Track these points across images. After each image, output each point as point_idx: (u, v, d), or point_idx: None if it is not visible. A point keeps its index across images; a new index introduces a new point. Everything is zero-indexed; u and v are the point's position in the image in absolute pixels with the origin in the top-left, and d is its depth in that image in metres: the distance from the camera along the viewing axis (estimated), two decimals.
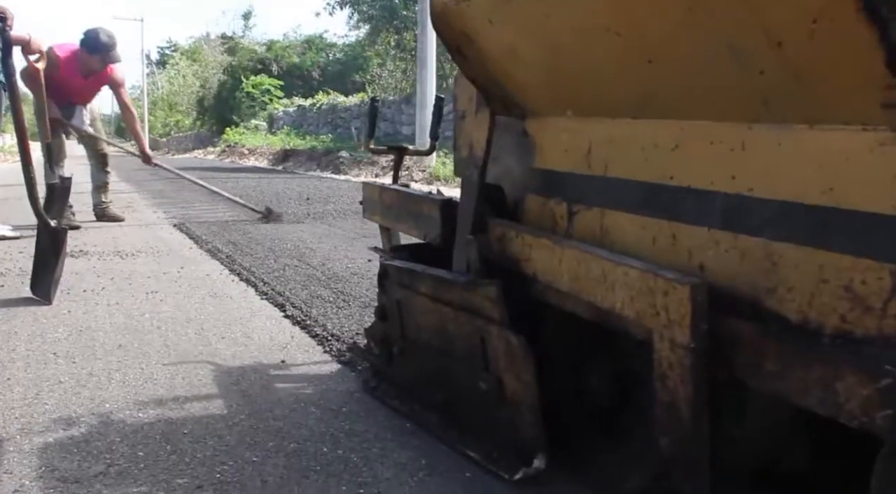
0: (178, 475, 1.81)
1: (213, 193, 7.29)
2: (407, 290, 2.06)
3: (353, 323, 3.13)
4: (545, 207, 1.77)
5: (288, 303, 3.49)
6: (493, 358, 1.72)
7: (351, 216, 6.86)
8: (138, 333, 3.03)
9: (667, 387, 1.26)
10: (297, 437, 2.03)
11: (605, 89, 1.50)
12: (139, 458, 1.89)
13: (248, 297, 3.70)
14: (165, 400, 2.29)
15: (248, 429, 2.08)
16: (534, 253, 1.66)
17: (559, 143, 1.70)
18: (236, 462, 1.88)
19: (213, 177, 12.46)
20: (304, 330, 3.07)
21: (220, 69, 28.36)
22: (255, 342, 2.92)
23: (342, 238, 5.57)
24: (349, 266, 4.43)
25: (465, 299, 1.79)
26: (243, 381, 2.47)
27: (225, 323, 3.19)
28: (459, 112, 2.18)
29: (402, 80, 16.36)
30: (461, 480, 1.77)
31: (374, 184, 2.71)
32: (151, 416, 2.17)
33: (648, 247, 1.42)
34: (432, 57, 11.72)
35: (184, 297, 3.70)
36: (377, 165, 12.63)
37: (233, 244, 5.29)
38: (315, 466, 1.86)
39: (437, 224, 2.10)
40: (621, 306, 1.35)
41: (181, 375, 2.52)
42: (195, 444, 1.98)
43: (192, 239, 5.63)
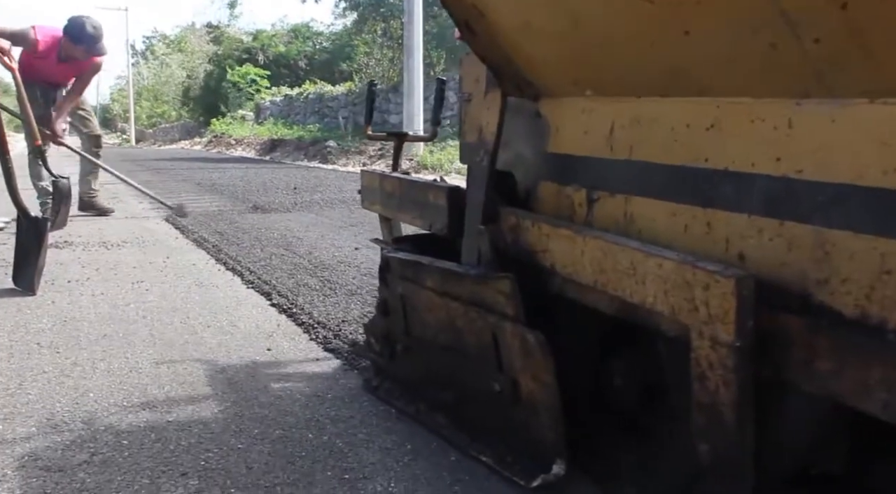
0: (162, 463, 1.80)
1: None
2: (411, 284, 1.94)
3: (340, 311, 3.12)
4: (561, 194, 1.66)
5: (274, 292, 3.47)
6: (507, 357, 1.61)
7: (338, 205, 6.83)
8: (123, 323, 3.01)
9: (706, 388, 1.16)
10: (283, 424, 2.02)
11: (631, 65, 1.38)
12: (123, 447, 1.89)
13: (234, 286, 3.69)
14: (150, 389, 2.28)
15: (234, 417, 2.07)
16: (552, 243, 1.55)
17: (577, 125, 1.59)
18: (221, 449, 1.88)
19: (200, 167, 12.42)
20: (290, 318, 3.06)
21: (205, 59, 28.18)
22: (241, 330, 2.91)
23: (329, 227, 5.55)
24: (336, 254, 4.41)
25: (475, 293, 1.67)
26: (229, 369, 2.46)
27: (211, 312, 3.18)
28: (465, 95, 2.08)
29: (390, 69, 16.27)
30: (446, 464, 1.78)
31: (373, 171, 2.57)
32: (136, 405, 2.16)
33: (680, 235, 1.31)
34: (419, 45, 11.67)
35: (169, 287, 3.67)
36: (364, 154, 12.59)
37: (219, 234, 5.26)
38: (300, 452, 1.86)
39: (444, 213, 1.97)
40: (653, 300, 1.25)
41: (166, 364, 2.51)
42: (180, 432, 1.97)
43: (178, 229, 5.59)
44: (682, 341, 1.23)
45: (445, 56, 15.42)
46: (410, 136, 2.68)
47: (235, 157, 16.53)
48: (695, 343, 1.17)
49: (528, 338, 1.53)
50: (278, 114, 21.81)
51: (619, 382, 1.66)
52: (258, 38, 26.83)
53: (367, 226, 5.50)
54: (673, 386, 1.46)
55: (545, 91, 1.69)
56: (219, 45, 28.64)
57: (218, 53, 27.60)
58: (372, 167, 11.45)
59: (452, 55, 15.40)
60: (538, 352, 1.51)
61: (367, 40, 18.16)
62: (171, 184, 9.33)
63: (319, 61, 25.18)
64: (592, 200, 1.55)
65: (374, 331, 2.26)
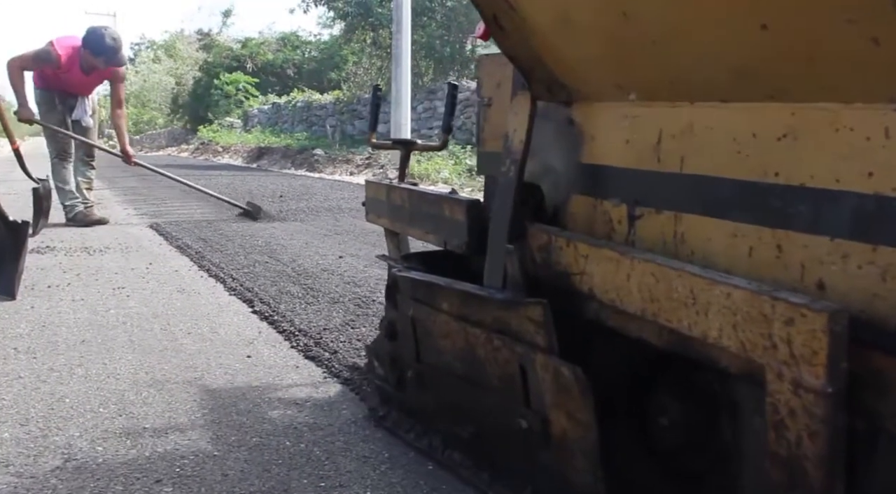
0: (136, 469, 1.78)
1: (195, 191, 7.17)
2: (425, 306, 1.77)
3: (321, 319, 3.11)
4: (597, 210, 1.49)
5: (256, 299, 3.45)
6: (536, 392, 1.45)
7: (323, 213, 6.81)
8: (102, 329, 2.98)
9: (785, 439, 1.01)
10: (260, 431, 2.00)
11: (688, 66, 1.23)
12: (98, 453, 1.86)
13: (216, 293, 3.66)
14: (127, 395, 2.25)
15: (211, 424, 2.05)
16: (591, 265, 1.38)
17: (618, 134, 1.43)
18: (197, 456, 1.85)
19: (186, 174, 12.33)
20: (272, 325, 3.03)
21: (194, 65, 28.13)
22: (222, 337, 2.89)
23: (314, 235, 5.53)
24: (319, 262, 4.39)
25: (501, 320, 1.51)
26: (208, 376, 2.43)
27: (192, 319, 3.15)
28: (484, 99, 1.93)
29: (378, 78, 16.27)
30: (423, 472, 1.77)
31: (379, 182, 2.38)
32: (113, 411, 2.13)
33: (742, 259, 1.16)
34: (407, 54, 11.67)
35: (151, 293, 3.64)
36: (351, 163, 12.57)
37: (203, 241, 5.22)
38: (277, 459, 1.84)
39: (463, 229, 1.79)
40: (717, 334, 1.10)
41: (145, 370, 2.48)
42: (156, 439, 1.95)
43: (162, 235, 5.55)
44: (750, 381, 1.10)
45: (434, 66, 15.45)
46: (419, 145, 2.45)
47: (222, 165, 16.47)
48: (772, 385, 1.02)
49: (562, 372, 1.36)
50: (266, 122, 21.77)
51: (665, 422, 1.48)
52: (247, 46, 26.81)
53: (351, 234, 5.49)
54: (731, 430, 1.33)
55: (580, 95, 1.53)
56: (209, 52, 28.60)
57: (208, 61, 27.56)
58: (357, 177, 11.44)
59: (440, 65, 15.44)
60: (575, 388, 1.34)
61: (355, 49, 18.17)
62: (158, 190, 9.28)
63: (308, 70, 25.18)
64: (634, 217, 1.39)
65: (378, 354, 2.10)
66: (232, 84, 24.40)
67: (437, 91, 14.29)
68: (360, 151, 13.32)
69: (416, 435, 1.90)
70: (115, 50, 5.67)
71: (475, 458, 1.72)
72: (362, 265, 4.27)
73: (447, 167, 10.14)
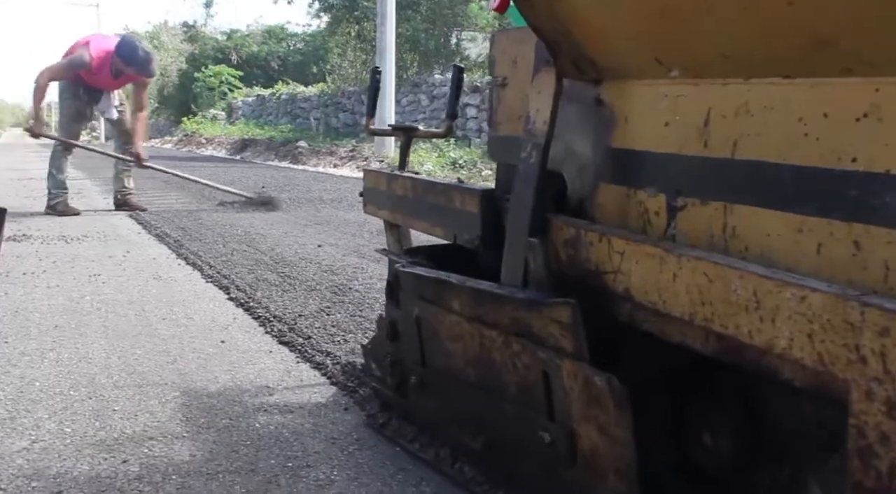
0: (104, 450, 1.79)
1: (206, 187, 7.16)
2: (431, 306, 1.64)
3: (297, 306, 3.12)
4: (629, 200, 1.34)
5: (233, 286, 3.45)
6: (561, 402, 1.31)
7: (305, 204, 6.81)
8: (76, 314, 2.98)
9: (875, 469, 0.89)
10: (230, 413, 2.02)
11: (745, 36, 1.08)
12: (66, 434, 1.87)
13: (193, 280, 3.66)
14: (99, 379, 2.26)
15: (181, 406, 2.06)
16: (628, 263, 1.24)
17: (656, 115, 1.28)
18: (166, 437, 1.87)
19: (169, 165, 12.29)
20: (247, 311, 3.05)
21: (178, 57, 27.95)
22: (197, 323, 2.89)
23: (294, 224, 5.53)
24: (298, 251, 4.40)
25: (521, 321, 1.37)
26: (180, 360, 2.44)
27: (167, 305, 3.15)
28: (498, 78, 1.78)
29: (363, 71, 16.23)
30: (390, 454, 1.79)
31: (379, 171, 2.22)
32: (83, 394, 2.14)
33: (809, 257, 1.02)
34: (391, 47, 11.67)
35: (127, 280, 3.64)
36: (335, 155, 12.55)
37: (182, 229, 5.22)
38: (245, 440, 1.85)
39: (476, 222, 1.64)
40: (787, 344, 0.96)
41: (117, 354, 2.49)
42: (125, 421, 1.96)
43: (140, 224, 5.54)
44: (825, 398, 0.98)
45: (418, 59, 15.43)
46: (421, 132, 2.27)
47: (205, 156, 16.40)
48: (857, 405, 0.89)
49: (595, 382, 1.22)
50: (250, 115, 21.68)
51: (709, 440, 1.32)
52: (232, 38, 26.67)
53: (331, 225, 5.50)
54: (794, 453, 1.21)
55: (612, 72, 1.37)
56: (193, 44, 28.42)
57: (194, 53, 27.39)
58: (340, 169, 11.42)
59: (425, 58, 15.43)
60: (609, 400, 1.20)
61: (340, 42, 18.12)
62: (138, 181, 9.21)
63: (293, 62, 25.08)
64: (675, 208, 1.24)
65: (376, 356, 1.99)
66: (215, 76, 24.27)
67: (422, 84, 14.29)
68: (343, 144, 13.31)
69: (420, 446, 1.77)
70: (146, 62, 5.97)
71: (489, 473, 1.59)
72: (340, 254, 4.28)
73: (430, 159, 10.14)
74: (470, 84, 12.67)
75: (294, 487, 1.63)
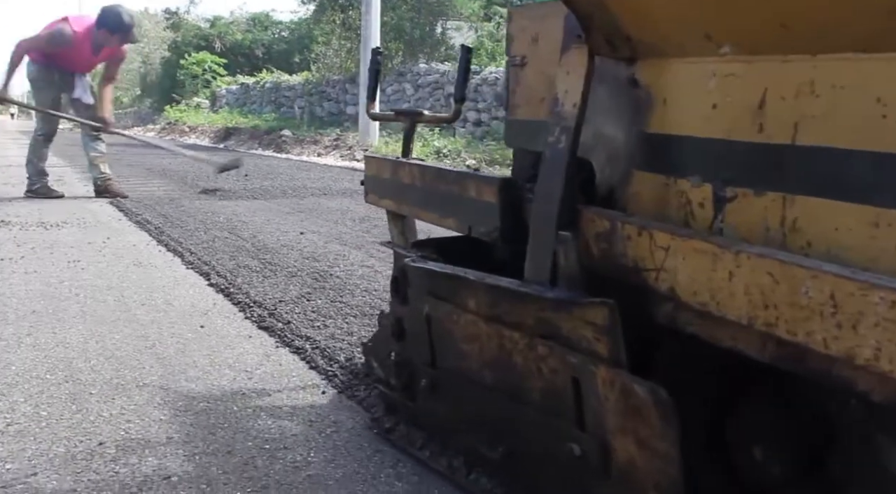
0: (80, 433, 1.79)
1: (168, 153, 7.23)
2: (444, 303, 1.54)
3: (278, 292, 3.11)
4: (668, 190, 1.23)
5: (213, 272, 3.44)
6: (594, 411, 1.21)
7: (288, 192, 6.78)
8: (54, 300, 2.96)
9: None
10: (208, 397, 2.01)
11: (813, 5, 0.98)
12: (41, 417, 1.87)
13: (173, 267, 3.64)
14: (76, 363, 2.25)
15: (159, 390, 2.06)
16: (673, 260, 1.13)
17: (701, 96, 1.17)
18: (143, 420, 1.86)
19: (150, 153, 12.20)
20: (227, 297, 3.04)
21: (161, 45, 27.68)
22: (176, 308, 2.88)
23: (276, 212, 5.51)
24: (280, 238, 4.39)
25: (548, 322, 1.26)
26: (159, 345, 2.43)
27: (146, 291, 3.14)
28: (516, 58, 1.66)
29: (347, 60, 16.15)
30: (367, 436, 1.80)
31: (382, 157, 2.08)
32: (60, 378, 2.13)
33: (888, 255, 0.92)
34: (376, 36, 11.62)
35: (106, 266, 3.62)
36: (319, 144, 12.50)
37: (163, 216, 5.18)
38: (223, 423, 1.85)
39: (494, 213, 1.53)
40: (874, 355, 0.86)
41: (95, 339, 2.48)
42: (102, 404, 1.95)
43: (121, 211, 5.50)
44: None
45: (403, 48, 15.36)
46: (427, 116, 2.12)
47: (189, 144, 16.26)
48: None
49: (635, 391, 1.11)
50: (234, 103, 21.52)
51: (760, 456, 1.23)
52: (215, 26, 26.45)
53: (314, 212, 5.48)
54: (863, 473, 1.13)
55: (649, 49, 1.26)
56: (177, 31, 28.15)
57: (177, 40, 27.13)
58: (325, 158, 11.37)
59: (410, 47, 15.37)
60: (653, 412, 1.09)
61: (325, 31, 18.00)
62: (119, 168, 9.14)
63: (277, 51, 24.91)
64: (723, 199, 1.14)
65: (378, 355, 1.89)
66: (199, 64, 24.06)
67: (406, 73, 14.24)
68: (328, 133, 13.25)
69: (431, 453, 1.66)
70: (131, 27, 5.92)
71: (508, 485, 1.49)
72: (323, 241, 4.27)
73: (415, 148, 10.12)
74: (454, 73, 12.67)
75: (271, 468, 1.63)
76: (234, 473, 1.60)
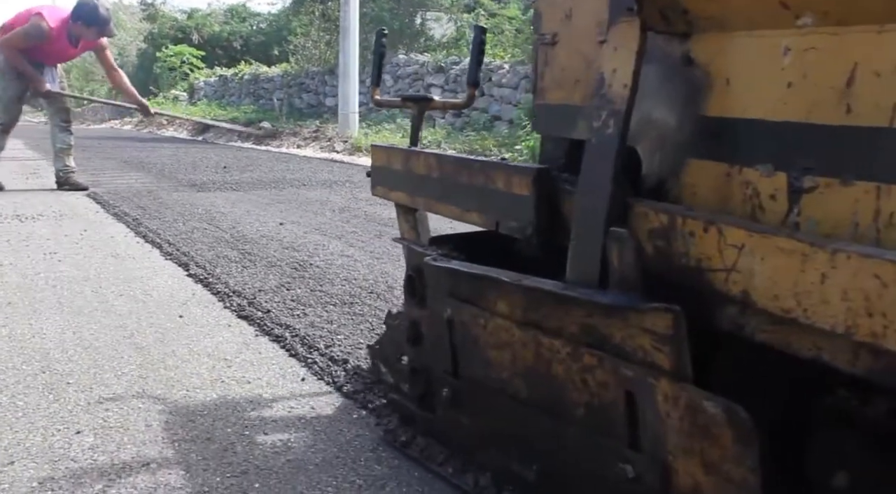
0: (58, 421, 1.78)
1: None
2: (470, 306, 1.42)
3: (257, 281, 3.10)
4: (731, 180, 1.11)
5: (192, 263, 3.42)
6: (651, 429, 1.10)
7: (267, 184, 6.74)
8: (31, 291, 2.93)
9: None
10: (188, 385, 2.01)
11: None
12: (18, 407, 1.86)
13: (151, 258, 3.62)
14: (53, 354, 2.23)
15: (138, 379, 2.05)
16: (747, 259, 1.00)
17: (773, 75, 1.04)
18: (121, 408, 1.86)
19: (128, 146, 12.13)
20: (206, 287, 3.03)
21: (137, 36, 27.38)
22: (154, 299, 2.86)
23: (255, 204, 5.48)
24: (259, 229, 4.37)
25: (596, 329, 1.15)
26: (137, 335, 2.42)
27: (124, 282, 3.12)
28: (546, 36, 1.51)
29: (327, 51, 16.06)
30: (347, 420, 1.80)
31: (393, 146, 1.93)
32: (36, 368, 2.11)
33: None
34: (355, 27, 11.56)
35: (83, 257, 3.59)
36: (299, 136, 12.43)
37: (142, 209, 5.14)
38: (202, 410, 1.85)
39: (529, 206, 1.38)
40: None
41: (72, 330, 2.46)
42: (79, 393, 1.94)
43: (99, 203, 5.45)
44: None
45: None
46: (438, 102, 1.97)
47: (166, 137, 16.14)
48: None
49: (705, 408, 1.00)
50: (213, 95, 21.35)
51: (842, 483, 1.12)
52: (192, 17, 26.20)
53: (293, 203, 5.46)
54: None
55: (708, 23, 1.14)
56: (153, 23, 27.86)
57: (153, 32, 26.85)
58: (304, 150, 11.31)
59: (390, 38, 15.32)
60: (728, 432, 0.98)
61: (304, 22, 17.89)
62: (96, 161, 9.07)
63: (255, 43, 24.73)
64: (800, 190, 1.02)
65: (387, 360, 1.79)
66: (176, 56, 23.84)
67: (386, 64, 14.17)
68: (307, 124, 13.19)
69: (454, 470, 1.54)
70: (107, 20, 5.85)
71: None
72: (302, 231, 4.26)
73: (395, 139, 10.09)
74: (434, 64, 12.63)
75: (250, 453, 1.63)
76: (214, 459, 1.60)
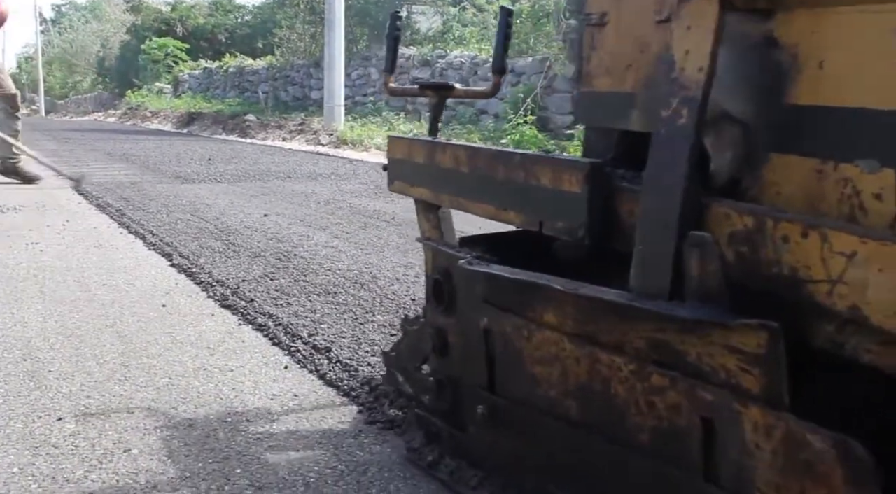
0: (39, 409, 1.77)
1: None
2: (510, 315, 1.31)
3: (241, 271, 3.10)
4: (824, 178, 0.99)
5: (176, 253, 3.42)
6: (734, 462, 0.98)
7: (252, 176, 6.73)
8: (13, 281, 2.92)
9: None
10: (170, 373, 2.01)
11: None
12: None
13: (135, 248, 3.61)
14: (34, 342, 2.22)
15: (120, 366, 2.05)
16: (858, 269, 0.88)
17: (880, 58, 0.93)
18: (103, 396, 1.86)
19: (112, 138, 12.07)
20: (190, 277, 3.02)
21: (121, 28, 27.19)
22: (137, 288, 2.86)
23: (240, 195, 5.46)
24: (244, 220, 4.36)
25: (669, 346, 1.03)
26: (120, 323, 2.42)
27: (107, 272, 3.11)
28: (593, 16, 1.38)
29: (312, 44, 16.01)
30: (329, 406, 1.81)
31: (414, 138, 1.76)
32: (17, 356, 2.11)
33: None
34: (340, 19, 11.52)
35: (66, 248, 3.57)
36: (284, 129, 12.39)
37: (125, 200, 5.12)
38: (185, 398, 1.85)
39: (581, 205, 1.23)
40: None
41: (54, 319, 2.45)
42: (61, 381, 1.94)
43: (82, 195, 5.42)
44: None
45: (368, 33, 15.26)
46: (460, 90, 1.79)
47: (151, 130, 16.06)
48: None
49: (809, 441, 0.88)
50: (197, 88, 21.25)
51: None
52: (177, 9, 26.01)
53: (278, 195, 5.45)
54: None
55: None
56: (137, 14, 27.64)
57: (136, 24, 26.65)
58: (290, 143, 11.28)
59: (375, 32, 15.27)
60: (840, 472, 0.86)
61: (289, 14, 17.81)
62: (80, 153, 9.02)
63: (240, 35, 24.59)
64: None
65: (405, 369, 1.68)
66: (160, 49, 23.67)
67: (372, 57, 14.16)
68: (292, 117, 13.15)
69: None
70: None
71: None
72: (287, 223, 4.26)
73: (381, 133, 10.07)
74: (420, 57, 12.61)
75: (232, 440, 1.63)
76: (196, 445, 1.60)
